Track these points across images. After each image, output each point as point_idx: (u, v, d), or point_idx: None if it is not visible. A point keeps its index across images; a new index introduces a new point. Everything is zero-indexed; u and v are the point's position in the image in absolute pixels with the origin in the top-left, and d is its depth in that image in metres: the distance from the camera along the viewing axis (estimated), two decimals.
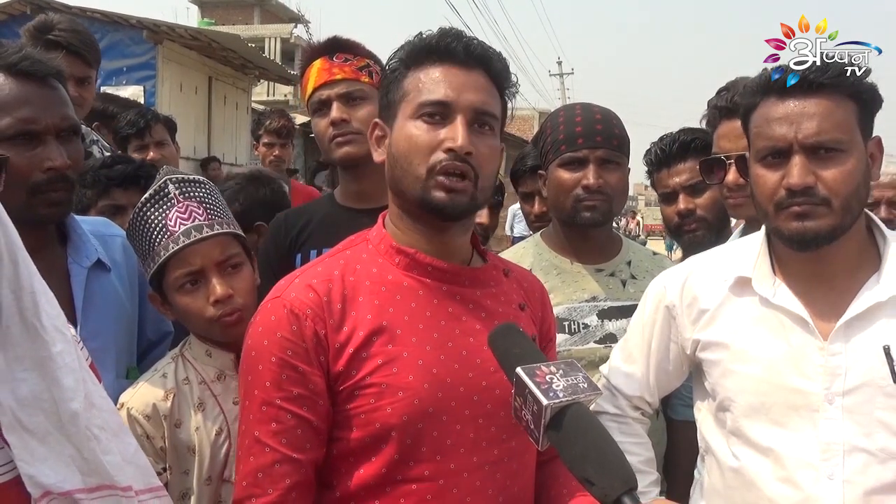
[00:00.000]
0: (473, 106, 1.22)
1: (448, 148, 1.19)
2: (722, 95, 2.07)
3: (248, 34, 20.35)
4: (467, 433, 1.22)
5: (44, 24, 2.73)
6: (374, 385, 1.18)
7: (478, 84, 1.24)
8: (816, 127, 1.30)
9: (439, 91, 1.22)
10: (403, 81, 1.26)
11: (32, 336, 0.89)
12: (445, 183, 1.20)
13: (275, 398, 1.18)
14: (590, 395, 0.94)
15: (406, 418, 1.17)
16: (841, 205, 1.31)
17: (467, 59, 1.24)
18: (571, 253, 1.98)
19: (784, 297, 1.39)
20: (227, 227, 1.58)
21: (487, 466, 1.23)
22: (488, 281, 1.34)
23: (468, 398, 1.22)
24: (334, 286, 1.22)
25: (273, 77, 14.76)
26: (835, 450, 1.32)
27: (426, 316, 1.24)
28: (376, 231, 1.33)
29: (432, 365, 1.20)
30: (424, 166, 1.21)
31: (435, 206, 1.21)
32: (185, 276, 1.52)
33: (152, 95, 10.15)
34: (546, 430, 0.92)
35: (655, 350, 1.60)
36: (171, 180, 1.56)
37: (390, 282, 1.25)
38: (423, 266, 1.26)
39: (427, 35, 1.27)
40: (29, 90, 1.39)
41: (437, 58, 1.25)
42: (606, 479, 0.87)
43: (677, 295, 1.54)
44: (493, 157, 1.25)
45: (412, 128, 1.23)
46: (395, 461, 1.19)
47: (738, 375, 1.41)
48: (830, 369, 1.34)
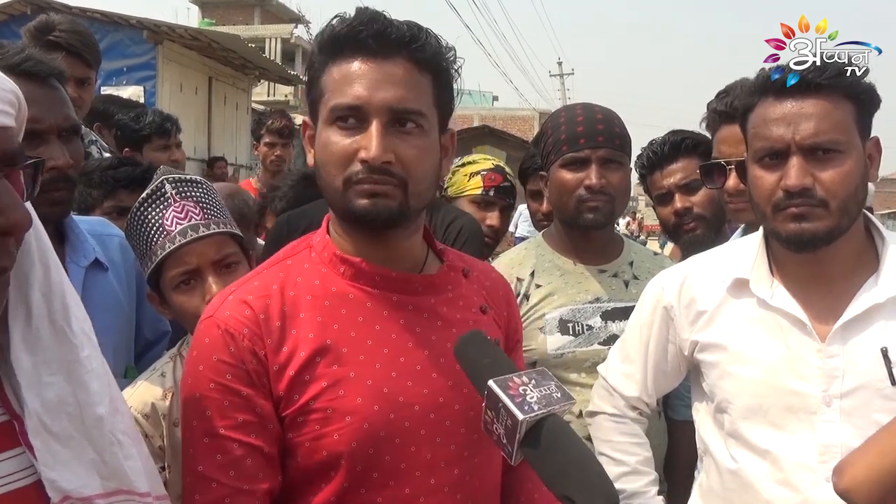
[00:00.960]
0: (389, 105, 1.08)
1: (362, 158, 1.07)
2: (721, 99, 2.07)
3: (249, 34, 20.36)
4: (423, 455, 1.12)
5: (45, 24, 2.74)
6: (318, 410, 1.07)
7: (395, 77, 1.09)
8: (814, 128, 1.30)
9: (350, 92, 1.08)
10: (321, 78, 1.13)
11: (61, 339, 0.88)
12: (366, 189, 1.08)
13: (218, 428, 1.07)
14: (564, 405, 0.90)
15: (355, 444, 1.07)
16: (839, 206, 1.30)
17: (381, 48, 1.09)
18: (574, 254, 1.97)
19: (782, 299, 1.39)
20: (223, 226, 1.58)
21: (447, 488, 1.13)
22: (444, 286, 1.22)
23: (424, 417, 1.12)
24: (272, 302, 1.11)
25: (273, 77, 14.77)
26: (833, 452, 1.31)
27: (375, 330, 1.13)
28: (320, 237, 1.22)
29: (382, 384, 1.10)
30: (341, 178, 1.10)
31: (359, 215, 1.10)
32: (182, 276, 1.52)
33: (152, 96, 10.14)
34: (521, 445, 0.88)
35: (653, 351, 1.60)
36: (168, 180, 1.56)
37: (334, 294, 1.14)
38: (369, 276, 1.15)
39: (338, 21, 1.12)
40: (31, 90, 1.40)
41: (349, 49, 1.10)
42: (587, 497, 0.83)
43: (675, 296, 1.53)
44: (422, 156, 1.11)
45: (328, 134, 1.11)
46: (344, 489, 1.09)
47: (736, 377, 1.41)
48: (828, 371, 1.33)
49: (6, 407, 0.86)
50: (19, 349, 0.84)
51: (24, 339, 0.85)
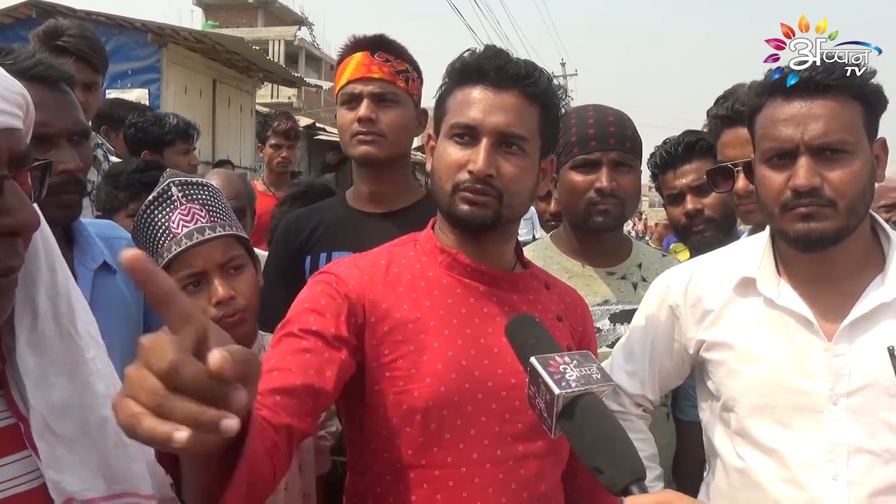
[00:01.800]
0: (498, 129, 1.27)
1: (469, 170, 1.27)
2: (721, 104, 2.07)
3: (252, 37, 20.41)
4: (492, 426, 1.25)
5: (53, 29, 2.75)
6: (403, 369, 1.23)
7: (506, 105, 1.28)
8: (823, 128, 1.30)
9: (468, 114, 1.28)
10: (447, 99, 1.34)
11: (67, 342, 0.89)
12: (468, 196, 1.28)
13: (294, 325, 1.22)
14: (602, 385, 0.95)
15: (432, 403, 1.22)
16: (846, 206, 1.31)
17: (499, 80, 1.29)
18: (582, 256, 1.97)
19: (788, 298, 1.39)
20: (229, 229, 1.59)
21: (512, 461, 1.25)
22: (527, 288, 1.39)
23: (496, 393, 1.25)
24: (378, 271, 1.31)
25: (277, 79, 14.81)
26: (839, 451, 1.32)
27: (461, 312, 1.30)
28: (425, 233, 1.41)
29: (462, 357, 1.25)
30: (450, 183, 1.29)
31: (459, 217, 1.29)
32: (188, 278, 1.53)
33: (157, 98, 10.17)
34: (558, 418, 0.93)
35: (658, 349, 1.60)
36: (175, 183, 1.57)
37: (430, 278, 1.32)
38: (463, 266, 1.33)
39: (468, 54, 1.34)
40: (42, 95, 1.41)
41: (473, 78, 1.30)
42: (615, 469, 0.88)
43: (681, 295, 1.54)
44: (521, 175, 1.29)
45: (446, 146, 1.32)
46: (419, 444, 1.23)
47: (743, 376, 1.42)
48: (835, 370, 1.34)
49: (12, 409, 0.86)
50: (25, 351, 0.85)
51: (30, 340, 0.85)
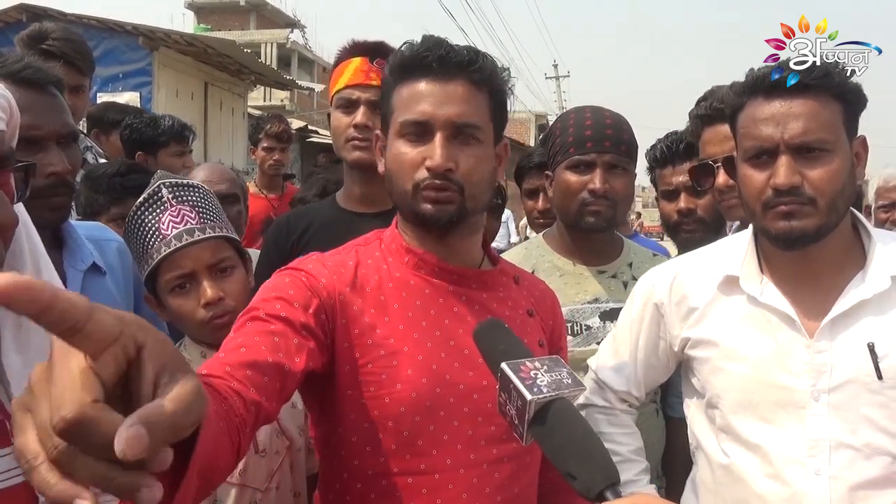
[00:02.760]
0: (451, 120, 1.24)
1: (427, 166, 1.23)
2: (701, 105, 2.10)
3: (244, 40, 20.36)
4: (465, 430, 1.22)
5: (38, 33, 2.74)
6: (374, 374, 1.20)
7: (456, 95, 1.24)
8: (803, 127, 1.32)
9: (417, 109, 1.25)
10: (392, 96, 1.30)
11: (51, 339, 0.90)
12: (431, 195, 1.24)
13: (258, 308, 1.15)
14: (573, 390, 0.93)
15: (403, 410, 1.19)
16: (827, 204, 1.32)
17: (444, 71, 1.25)
18: (574, 254, 1.98)
19: (771, 296, 1.41)
20: (219, 230, 1.60)
21: (486, 465, 1.23)
22: (496, 285, 1.36)
23: (467, 396, 1.23)
24: (346, 272, 1.26)
25: (269, 82, 14.79)
26: (821, 446, 1.33)
27: (430, 314, 1.27)
28: (390, 231, 1.37)
29: (432, 361, 1.22)
30: (410, 183, 1.25)
31: (423, 217, 1.26)
32: (177, 279, 1.54)
33: (148, 101, 10.16)
34: (530, 425, 0.91)
35: (643, 346, 1.61)
36: (165, 184, 1.58)
37: (398, 279, 1.29)
38: (430, 266, 1.30)
39: (407, 48, 1.29)
40: (31, 98, 1.42)
41: (417, 72, 1.26)
42: (588, 474, 0.86)
43: (666, 293, 1.55)
44: (479, 165, 1.27)
45: (398, 146, 1.27)
46: (392, 451, 1.20)
47: (727, 373, 1.43)
48: (816, 366, 1.35)
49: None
50: (11, 349, 0.86)
51: (15, 339, 0.87)
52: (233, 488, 1.53)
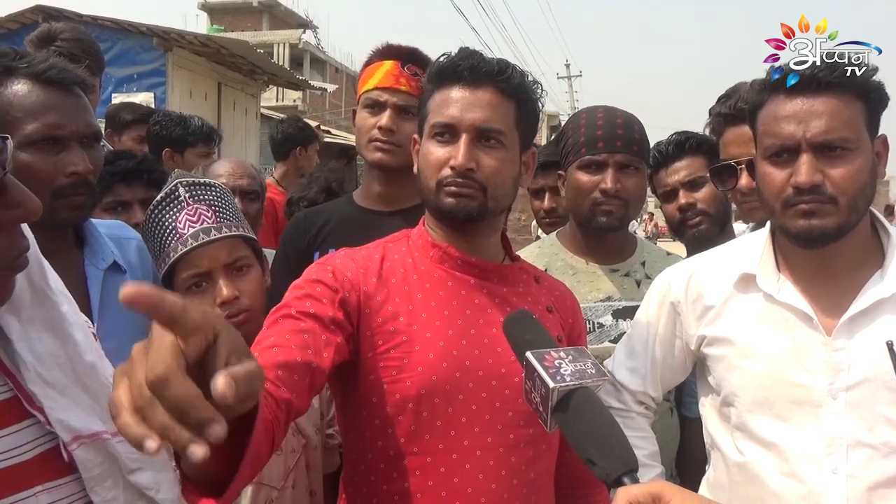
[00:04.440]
0: (475, 124, 1.32)
1: (451, 165, 1.32)
2: (724, 102, 2.09)
3: (257, 40, 20.46)
4: (482, 414, 1.28)
5: (47, 34, 2.76)
6: (396, 359, 1.27)
7: (482, 102, 1.33)
8: (825, 125, 1.30)
9: (446, 113, 1.34)
10: (428, 101, 1.39)
11: (41, 298, 0.94)
12: (452, 190, 1.32)
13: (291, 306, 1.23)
14: (597, 380, 0.97)
15: (423, 392, 1.25)
16: (848, 203, 1.31)
17: (474, 79, 1.34)
18: (587, 253, 1.99)
19: (788, 294, 1.41)
20: (235, 229, 1.61)
21: (502, 449, 1.28)
22: (517, 280, 1.43)
23: (486, 382, 1.29)
24: (372, 264, 1.35)
25: (282, 82, 14.85)
26: (838, 444, 1.33)
27: (452, 304, 1.33)
28: (417, 229, 1.45)
29: (452, 347, 1.29)
30: (434, 180, 1.34)
31: (445, 211, 1.34)
32: (193, 278, 1.55)
33: (163, 102, 10.22)
34: (553, 412, 0.95)
35: (659, 346, 1.61)
36: (182, 183, 1.59)
37: (422, 272, 1.36)
38: (453, 259, 1.37)
39: (444, 59, 1.39)
40: (56, 97, 1.44)
41: (450, 80, 1.36)
42: (607, 460, 0.90)
43: (682, 291, 1.55)
44: (501, 167, 1.34)
45: (428, 146, 1.37)
46: (411, 432, 1.26)
47: (743, 371, 1.43)
48: (834, 364, 1.35)
49: (11, 381, 0.90)
50: (7, 314, 0.90)
51: (10, 303, 0.89)
52: (249, 486, 1.54)
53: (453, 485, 1.26)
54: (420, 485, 1.26)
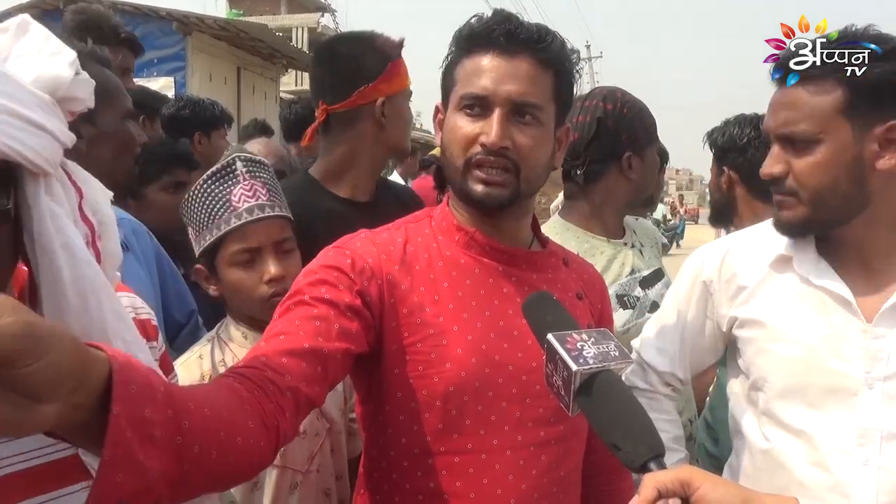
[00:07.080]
0: (511, 98, 1.20)
1: (482, 143, 1.20)
2: None
3: (276, 24, 20.39)
4: (513, 411, 1.21)
5: (96, 18, 3.06)
6: (423, 353, 1.19)
7: (519, 73, 1.20)
8: (784, 118, 1.32)
9: (478, 84, 1.21)
10: (455, 69, 1.27)
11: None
12: (482, 176, 1.21)
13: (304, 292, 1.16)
14: (620, 363, 0.93)
15: (452, 389, 1.18)
16: (810, 197, 1.32)
17: (510, 46, 1.21)
18: (603, 230, 2.03)
19: (826, 277, 1.36)
20: (284, 210, 1.62)
21: (532, 447, 1.22)
22: (546, 266, 1.34)
23: (516, 377, 1.22)
24: (395, 249, 1.25)
25: (301, 66, 14.80)
26: (872, 435, 1.28)
27: (480, 294, 1.25)
28: (440, 209, 1.35)
29: (481, 341, 1.21)
30: (462, 158, 1.23)
31: (473, 198, 1.23)
32: (243, 252, 1.56)
33: (182, 86, 10.24)
34: (576, 396, 0.91)
35: (690, 326, 1.58)
36: (240, 158, 1.60)
37: (448, 258, 1.27)
38: (480, 245, 1.28)
39: (475, 20, 1.26)
40: None
41: (483, 46, 1.23)
42: (632, 445, 0.87)
43: (716, 270, 1.51)
44: (536, 146, 1.23)
45: (456, 119, 1.24)
46: (438, 431, 1.19)
47: (773, 355, 1.39)
48: (872, 353, 1.30)
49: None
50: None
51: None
52: (273, 469, 1.54)
53: (482, 486, 1.19)
54: (447, 485, 1.20)
